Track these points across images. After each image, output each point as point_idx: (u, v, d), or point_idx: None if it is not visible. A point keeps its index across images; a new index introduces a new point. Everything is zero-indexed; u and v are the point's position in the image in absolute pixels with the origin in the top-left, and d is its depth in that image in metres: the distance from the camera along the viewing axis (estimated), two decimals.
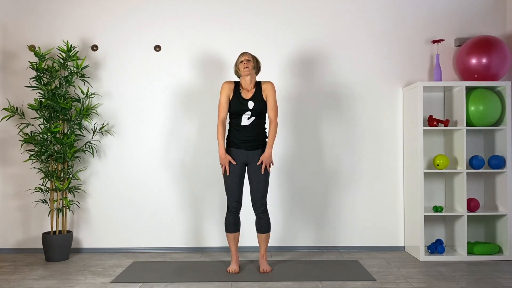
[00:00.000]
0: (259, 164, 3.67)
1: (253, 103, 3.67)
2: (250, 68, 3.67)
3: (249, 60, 3.68)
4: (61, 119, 4.22)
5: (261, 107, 3.68)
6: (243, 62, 3.67)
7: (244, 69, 3.66)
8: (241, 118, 3.67)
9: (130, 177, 4.44)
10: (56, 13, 4.47)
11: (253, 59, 3.72)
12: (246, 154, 3.68)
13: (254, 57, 3.74)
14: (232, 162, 3.66)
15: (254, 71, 3.72)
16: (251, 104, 3.66)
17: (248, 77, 3.70)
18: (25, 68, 4.44)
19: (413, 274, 3.68)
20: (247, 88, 3.72)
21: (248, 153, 3.68)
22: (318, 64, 4.46)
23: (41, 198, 4.41)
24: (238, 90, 3.71)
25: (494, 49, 4.15)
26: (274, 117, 3.71)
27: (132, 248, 4.44)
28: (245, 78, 3.70)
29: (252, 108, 3.66)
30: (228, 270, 3.73)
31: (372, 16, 4.48)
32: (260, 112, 3.68)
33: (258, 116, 3.68)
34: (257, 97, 3.69)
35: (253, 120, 3.67)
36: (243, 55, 3.72)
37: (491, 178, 4.34)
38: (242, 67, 3.67)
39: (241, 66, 3.68)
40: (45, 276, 3.70)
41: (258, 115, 3.68)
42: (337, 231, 4.45)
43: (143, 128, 4.46)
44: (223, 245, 4.42)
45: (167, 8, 4.48)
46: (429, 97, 4.46)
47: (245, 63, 3.67)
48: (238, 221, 3.76)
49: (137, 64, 4.46)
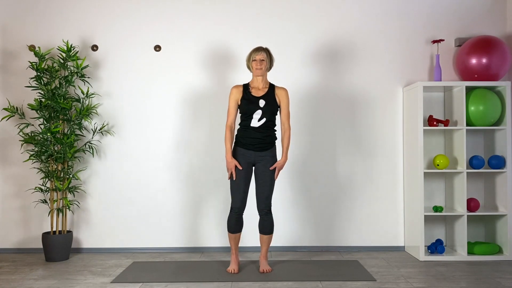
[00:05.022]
0: (272, 169, 3.63)
1: (264, 101, 3.59)
2: (263, 70, 3.60)
3: (263, 60, 3.59)
4: (61, 119, 4.22)
5: (272, 107, 3.60)
6: (257, 61, 3.59)
7: (256, 70, 3.59)
8: (252, 118, 3.58)
9: (130, 177, 4.44)
10: (56, 13, 4.47)
11: (267, 58, 3.61)
12: (254, 155, 3.63)
13: (269, 55, 3.64)
14: (239, 167, 3.60)
15: (266, 72, 3.66)
16: (262, 103, 3.58)
17: (260, 77, 3.64)
18: (25, 68, 4.44)
19: (413, 274, 3.68)
20: (258, 87, 3.65)
21: (256, 154, 3.63)
22: (318, 65, 4.46)
23: (41, 198, 4.41)
24: (247, 90, 3.64)
25: (494, 49, 4.15)
26: (289, 125, 3.68)
27: (132, 248, 4.44)
28: (257, 77, 3.64)
29: (263, 106, 3.58)
30: (227, 270, 3.72)
31: (372, 16, 4.48)
32: (271, 112, 3.60)
33: (268, 118, 3.59)
34: (269, 97, 3.61)
35: (264, 121, 3.59)
36: (257, 52, 3.60)
37: (491, 178, 4.34)
38: (254, 66, 3.60)
39: (254, 65, 3.60)
40: (45, 276, 3.70)
41: (269, 115, 3.59)
42: (337, 231, 4.45)
43: (143, 128, 4.46)
44: (223, 245, 4.42)
45: (167, 8, 4.47)
46: (429, 97, 4.46)
47: (258, 63, 3.58)
48: (241, 222, 3.73)
49: (137, 64, 4.46)
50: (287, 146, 3.68)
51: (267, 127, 3.62)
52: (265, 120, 3.60)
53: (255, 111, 3.58)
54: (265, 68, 3.61)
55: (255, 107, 3.58)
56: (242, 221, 3.74)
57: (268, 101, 3.60)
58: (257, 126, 3.60)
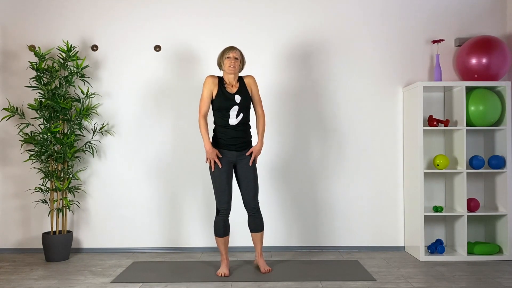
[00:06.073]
0: (248, 155, 3.63)
1: (239, 97, 3.61)
2: (236, 68, 3.61)
3: (237, 59, 3.60)
4: (61, 119, 4.22)
5: (248, 101, 3.63)
6: (230, 59, 3.58)
7: (229, 68, 3.58)
8: (229, 116, 3.57)
9: (130, 177, 4.44)
10: (56, 13, 4.47)
11: (241, 58, 3.64)
12: (236, 155, 3.62)
13: (242, 56, 3.66)
14: (219, 155, 3.58)
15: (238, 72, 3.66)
16: (238, 98, 3.60)
17: (232, 75, 3.64)
18: (25, 68, 4.44)
19: (413, 274, 3.68)
20: (231, 84, 3.65)
21: (237, 153, 3.63)
22: (318, 64, 4.46)
23: (41, 198, 4.41)
24: (222, 85, 3.63)
25: (494, 49, 4.15)
26: (262, 110, 3.72)
27: (132, 248, 4.44)
28: (229, 75, 3.64)
29: (239, 102, 3.59)
30: (218, 274, 3.64)
31: (372, 16, 4.48)
32: (247, 106, 3.63)
33: (245, 113, 3.61)
34: (243, 91, 3.63)
35: (241, 118, 3.59)
36: (231, 50, 3.60)
37: (491, 178, 4.34)
38: (227, 64, 3.59)
39: (227, 63, 3.59)
40: (45, 276, 3.70)
41: (245, 109, 3.61)
42: (337, 231, 4.45)
43: (143, 128, 4.46)
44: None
45: (167, 8, 4.47)
46: (429, 97, 4.46)
47: (232, 61, 3.58)
48: (228, 224, 3.69)
49: (137, 64, 4.46)
50: (262, 131, 3.71)
51: (245, 125, 3.64)
52: (242, 116, 3.60)
53: (232, 107, 3.58)
54: (238, 67, 3.62)
55: (232, 102, 3.58)
56: (229, 223, 3.70)
57: (242, 95, 3.62)
58: (236, 124, 3.60)
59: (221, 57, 3.64)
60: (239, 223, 4.32)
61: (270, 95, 4.44)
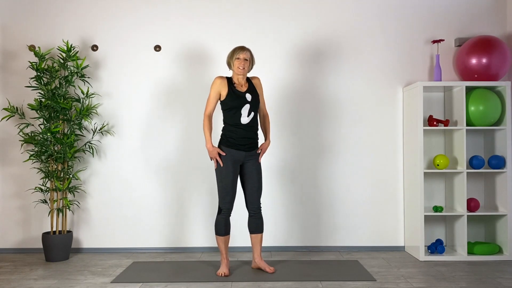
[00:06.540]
0: (258, 152, 3.68)
1: (250, 95, 3.62)
2: (245, 70, 3.61)
3: (247, 60, 3.60)
4: (61, 119, 4.22)
5: (258, 100, 3.66)
6: (240, 60, 3.59)
7: (238, 69, 3.59)
8: (241, 114, 3.57)
9: (130, 177, 4.44)
10: (56, 13, 4.47)
11: (250, 59, 3.64)
12: (244, 155, 3.63)
13: (252, 57, 3.66)
14: (222, 153, 3.58)
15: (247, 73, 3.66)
16: (249, 97, 3.61)
17: (241, 76, 3.64)
18: (25, 68, 4.44)
19: (413, 274, 3.68)
20: (241, 83, 3.66)
21: (246, 154, 3.63)
22: (318, 64, 4.46)
23: (41, 198, 4.41)
24: (232, 85, 3.64)
25: (494, 49, 4.15)
26: (266, 110, 3.83)
27: (132, 248, 4.44)
28: (238, 75, 3.64)
29: (250, 100, 3.61)
30: (218, 274, 3.64)
31: (372, 16, 4.48)
32: (257, 105, 3.66)
33: (255, 112, 3.64)
34: (252, 91, 3.66)
35: (252, 116, 3.61)
36: (242, 51, 3.60)
37: (491, 178, 4.34)
38: (237, 65, 3.59)
39: (236, 63, 3.59)
40: (45, 276, 3.70)
41: (256, 108, 3.64)
42: (337, 231, 4.45)
43: (143, 128, 4.46)
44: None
45: (167, 8, 4.47)
46: (429, 97, 4.46)
47: (242, 63, 3.58)
48: (229, 223, 3.70)
49: (137, 64, 4.46)
50: (269, 129, 3.82)
51: (255, 125, 3.66)
52: (253, 115, 3.63)
53: (244, 106, 3.59)
54: (247, 69, 3.62)
55: (243, 101, 3.59)
56: (230, 223, 3.71)
57: (253, 94, 3.65)
58: (247, 123, 3.61)
59: (231, 57, 3.64)
60: (239, 223, 4.32)
61: (270, 97, 4.44)
